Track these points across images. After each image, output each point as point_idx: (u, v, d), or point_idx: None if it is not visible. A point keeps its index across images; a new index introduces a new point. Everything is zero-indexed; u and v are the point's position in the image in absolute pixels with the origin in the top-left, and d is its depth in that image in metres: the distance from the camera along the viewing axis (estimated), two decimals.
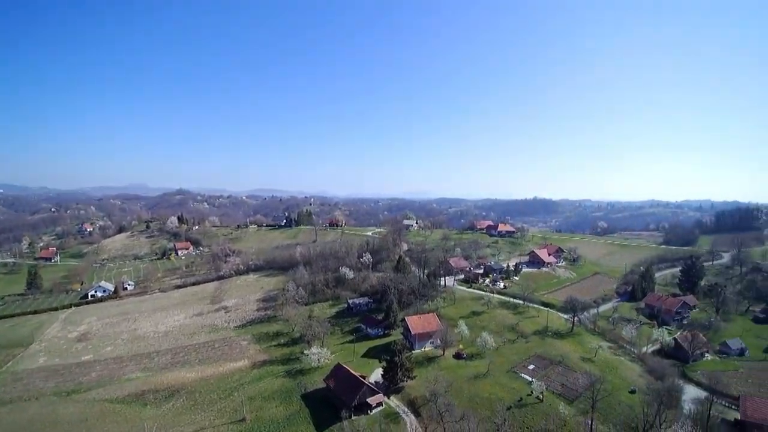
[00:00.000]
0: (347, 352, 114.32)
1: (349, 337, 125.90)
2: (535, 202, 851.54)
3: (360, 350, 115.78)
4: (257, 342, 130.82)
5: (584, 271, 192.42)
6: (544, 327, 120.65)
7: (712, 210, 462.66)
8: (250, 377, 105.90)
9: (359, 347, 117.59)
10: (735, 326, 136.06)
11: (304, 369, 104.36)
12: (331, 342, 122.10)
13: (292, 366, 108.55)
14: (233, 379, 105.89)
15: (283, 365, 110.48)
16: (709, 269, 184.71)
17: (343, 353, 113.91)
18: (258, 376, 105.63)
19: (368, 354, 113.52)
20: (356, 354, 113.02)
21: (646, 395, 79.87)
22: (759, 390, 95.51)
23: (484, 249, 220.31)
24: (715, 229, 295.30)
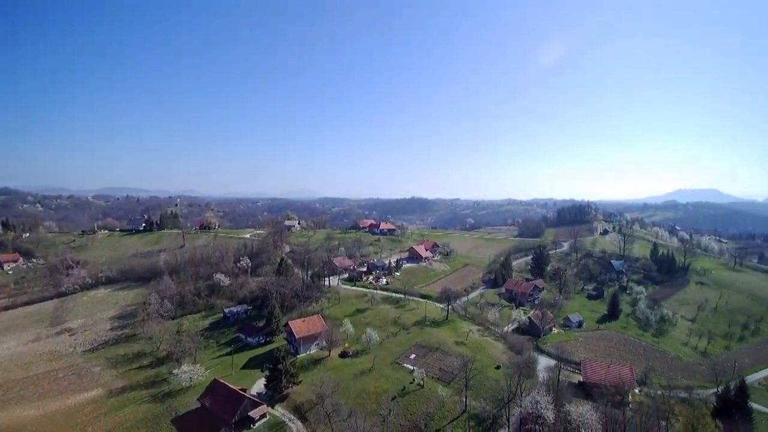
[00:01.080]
0: (225, 366, 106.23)
1: (227, 349, 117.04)
2: (413, 201, 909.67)
3: (240, 362, 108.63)
4: (113, 366, 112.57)
5: (456, 264, 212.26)
6: (423, 317, 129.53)
7: (555, 207, 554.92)
8: (106, 408, 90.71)
9: (239, 359, 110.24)
10: (574, 303, 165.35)
11: (174, 390, 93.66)
12: (205, 357, 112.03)
13: (158, 389, 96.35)
14: (85, 413, 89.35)
15: (148, 389, 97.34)
16: (553, 256, 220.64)
17: (220, 367, 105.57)
18: (117, 406, 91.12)
19: (249, 365, 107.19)
20: (235, 366, 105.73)
21: (508, 369, 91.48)
22: (595, 355, 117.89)
23: (367, 247, 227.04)
24: (557, 222, 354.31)
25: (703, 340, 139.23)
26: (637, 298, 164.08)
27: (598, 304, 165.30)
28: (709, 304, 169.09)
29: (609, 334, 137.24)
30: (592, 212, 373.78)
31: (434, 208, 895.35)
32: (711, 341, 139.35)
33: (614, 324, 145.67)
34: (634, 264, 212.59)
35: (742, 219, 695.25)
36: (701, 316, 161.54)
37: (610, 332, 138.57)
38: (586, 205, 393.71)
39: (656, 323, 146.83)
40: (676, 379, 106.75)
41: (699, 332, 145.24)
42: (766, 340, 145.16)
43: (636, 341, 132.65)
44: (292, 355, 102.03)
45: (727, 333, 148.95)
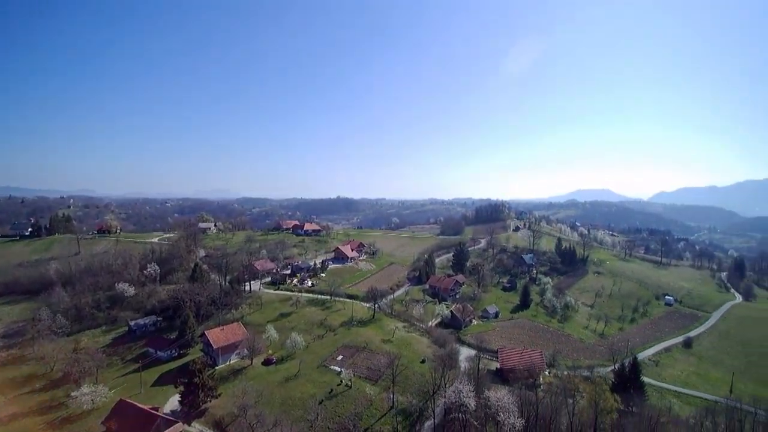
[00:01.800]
0: (133, 384, 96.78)
1: (134, 366, 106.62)
2: (338, 201, 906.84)
3: (150, 378, 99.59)
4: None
5: (382, 263, 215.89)
6: (350, 318, 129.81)
7: (473, 206, 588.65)
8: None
9: (149, 375, 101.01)
10: (491, 295, 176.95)
11: (74, 415, 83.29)
12: (109, 376, 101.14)
13: (55, 414, 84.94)
14: None
15: (43, 415, 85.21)
16: (472, 253, 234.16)
17: (127, 386, 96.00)
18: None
19: (161, 381, 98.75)
20: (145, 384, 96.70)
21: (433, 362, 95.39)
22: (510, 342, 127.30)
23: (291, 249, 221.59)
24: (475, 221, 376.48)
25: (601, 324, 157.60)
26: (544, 288, 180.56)
27: (511, 295, 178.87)
28: (605, 291, 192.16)
29: (522, 322, 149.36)
30: (505, 211, 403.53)
31: (360, 208, 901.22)
32: (607, 324, 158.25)
33: (526, 313, 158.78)
34: (542, 257, 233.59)
35: (631, 215, 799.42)
36: (599, 302, 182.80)
37: (522, 320, 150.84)
38: (501, 205, 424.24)
39: (561, 310, 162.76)
40: (580, 360, 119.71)
41: (597, 316, 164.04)
42: (652, 321, 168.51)
43: (545, 327, 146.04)
44: (209, 367, 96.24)
45: (620, 316, 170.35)
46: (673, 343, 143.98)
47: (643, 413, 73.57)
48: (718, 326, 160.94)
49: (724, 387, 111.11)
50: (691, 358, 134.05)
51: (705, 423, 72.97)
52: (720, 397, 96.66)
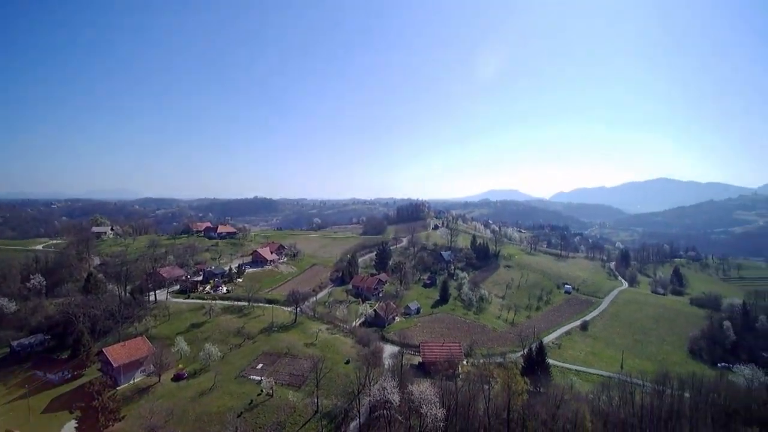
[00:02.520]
0: (19, 413, 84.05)
1: (20, 392, 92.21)
2: (256, 201, 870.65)
3: (40, 405, 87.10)
4: None
5: (304, 265, 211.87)
6: (270, 324, 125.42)
7: (395, 205, 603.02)
8: None
9: (38, 401, 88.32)
10: (413, 292, 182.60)
11: None
12: None
13: None
14: None
15: None
16: (394, 251, 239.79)
17: (12, 416, 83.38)
18: None
19: (53, 407, 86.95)
20: (34, 411, 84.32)
21: (357, 362, 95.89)
22: (431, 336, 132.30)
23: (203, 253, 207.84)
24: (397, 220, 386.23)
25: (511, 313, 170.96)
26: (461, 283, 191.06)
27: (432, 291, 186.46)
28: (514, 283, 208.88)
29: (441, 316, 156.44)
30: (425, 210, 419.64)
31: (280, 208, 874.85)
32: (517, 313, 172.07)
33: (445, 307, 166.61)
34: (459, 254, 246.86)
35: (536, 213, 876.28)
36: (509, 293, 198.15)
37: (442, 315, 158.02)
38: (421, 204, 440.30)
39: (477, 303, 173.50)
40: (494, 348, 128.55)
41: (508, 306, 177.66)
42: (554, 308, 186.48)
43: (462, 320, 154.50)
44: (110, 388, 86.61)
45: (527, 305, 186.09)
46: (572, 326, 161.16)
47: (549, 392, 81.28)
48: (609, 310, 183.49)
49: (616, 363, 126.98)
50: (587, 339, 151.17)
51: (602, 397, 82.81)
52: (613, 373, 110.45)
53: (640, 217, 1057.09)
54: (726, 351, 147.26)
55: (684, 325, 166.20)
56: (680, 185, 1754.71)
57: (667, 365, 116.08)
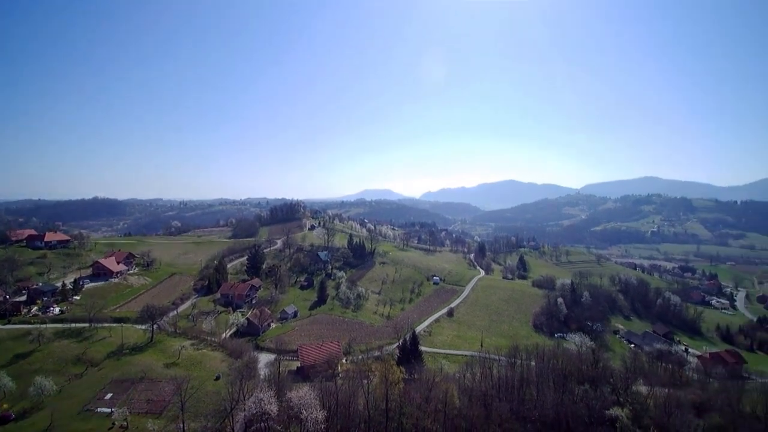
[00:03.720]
0: None
1: None
2: (96, 203, 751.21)
3: None
4: None
5: (160, 275, 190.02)
6: (120, 346, 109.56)
7: (268, 206, 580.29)
8: None
9: None
10: (289, 296, 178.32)
11: None
12: None
13: None
14: None
15: None
16: (268, 254, 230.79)
17: None
18: None
19: None
20: None
21: (229, 377, 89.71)
22: (310, 339, 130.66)
23: (27, 268, 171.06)
24: (271, 221, 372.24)
25: (387, 307, 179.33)
26: (339, 282, 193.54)
27: (309, 292, 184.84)
28: (389, 278, 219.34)
29: (320, 317, 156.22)
30: (301, 210, 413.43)
31: (128, 211, 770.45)
32: (392, 306, 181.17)
33: (323, 308, 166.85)
34: (336, 253, 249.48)
35: (407, 212, 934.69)
36: (384, 288, 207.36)
37: (320, 316, 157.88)
38: (296, 204, 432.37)
39: (354, 300, 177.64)
40: (372, 342, 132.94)
41: (384, 301, 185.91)
42: (425, 299, 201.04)
43: (341, 319, 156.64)
44: None
45: (402, 298, 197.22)
46: (440, 314, 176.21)
47: (423, 377, 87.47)
48: (470, 296, 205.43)
49: (477, 343, 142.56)
50: (453, 324, 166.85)
51: (466, 374, 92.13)
52: (475, 352, 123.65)
53: (493, 213, 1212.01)
54: (560, 323, 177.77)
55: (528, 304, 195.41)
56: (523, 186, 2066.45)
57: (517, 340, 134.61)
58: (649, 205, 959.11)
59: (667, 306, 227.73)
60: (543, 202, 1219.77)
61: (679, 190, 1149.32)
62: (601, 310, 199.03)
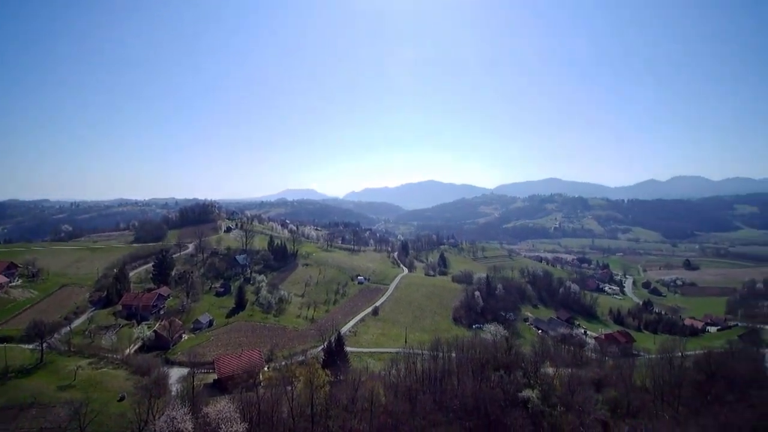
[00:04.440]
0: None
1: None
2: None
3: None
4: None
5: (49, 286, 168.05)
6: (4, 369, 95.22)
7: (177, 207, 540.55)
8: None
9: None
10: (203, 304, 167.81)
11: None
12: None
13: None
14: None
15: None
16: (178, 259, 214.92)
17: None
18: None
19: None
20: None
21: (136, 396, 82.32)
22: (227, 348, 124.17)
23: None
24: (181, 223, 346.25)
25: (311, 309, 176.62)
26: (259, 286, 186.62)
27: (226, 299, 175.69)
28: (313, 280, 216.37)
29: (238, 325, 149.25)
30: (215, 211, 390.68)
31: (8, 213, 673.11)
32: (316, 309, 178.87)
33: (242, 314, 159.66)
34: (256, 256, 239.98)
35: (331, 212, 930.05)
36: (308, 291, 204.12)
37: (239, 323, 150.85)
38: (210, 204, 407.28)
39: (276, 305, 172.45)
40: (296, 347, 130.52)
41: (307, 304, 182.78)
42: (350, 299, 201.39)
43: (262, 325, 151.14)
44: None
45: (326, 299, 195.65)
46: (365, 313, 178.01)
47: (349, 378, 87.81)
48: (394, 294, 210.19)
49: (402, 340, 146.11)
50: (378, 323, 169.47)
51: (392, 371, 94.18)
52: (400, 348, 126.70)
53: (415, 212, 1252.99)
54: (478, 314, 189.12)
55: (449, 299, 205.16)
56: (443, 186, 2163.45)
57: (438, 333, 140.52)
58: (552, 204, 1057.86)
59: (568, 294, 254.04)
60: (461, 202, 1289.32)
61: (577, 190, 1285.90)
62: (513, 301, 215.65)
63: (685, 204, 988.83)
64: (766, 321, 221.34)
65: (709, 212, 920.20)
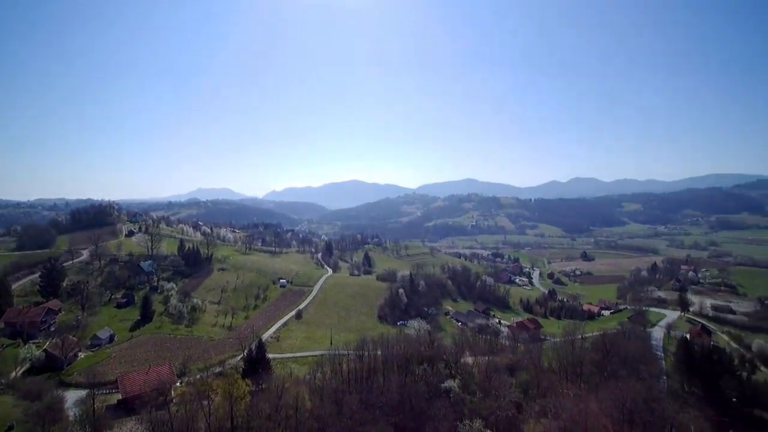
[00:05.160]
0: None
1: None
2: None
3: None
4: None
5: None
6: None
7: (68, 208, 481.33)
8: None
9: None
10: (102, 317, 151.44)
11: None
12: None
13: None
14: None
15: None
16: (70, 268, 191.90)
17: None
18: None
19: None
20: None
21: (26, 424, 72.40)
22: (132, 366, 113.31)
23: None
24: (72, 227, 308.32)
25: (228, 317, 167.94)
26: (168, 295, 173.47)
27: (129, 311, 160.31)
28: (230, 286, 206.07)
29: (145, 338, 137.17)
30: (114, 213, 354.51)
31: None
32: (234, 316, 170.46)
33: (149, 327, 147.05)
34: (164, 262, 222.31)
35: (249, 212, 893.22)
36: (225, 297, 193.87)
37: (145, 337, 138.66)
38: (108, 206, 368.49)
39: (189, 314, 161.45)
40: (212, 358, 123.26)
41: (224, 311, 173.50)
42: (272, 303, 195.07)
43: (172, 337, 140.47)
44: None
45: (245, 305, 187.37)
46: (288, 317, 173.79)
47: (272, 386, 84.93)
48: (318, 296, 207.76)
49: (327, 341, 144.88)
50: (302, 326, 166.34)
51: (317, 374, 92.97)
52: (325, 350, 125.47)
53: (339, 212, 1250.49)
54: (402, 311, 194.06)
55: (374, 297, 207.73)
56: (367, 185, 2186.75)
57: (364, 332, 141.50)
58: (469, 203, 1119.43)
59: (484, 287, 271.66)
60: (385, 201, 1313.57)
61: (492, 190, 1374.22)
62: (434, 296, 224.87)
63: (582, 202, 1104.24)
64: (651, 304, 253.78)
65: (601, 209, 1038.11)
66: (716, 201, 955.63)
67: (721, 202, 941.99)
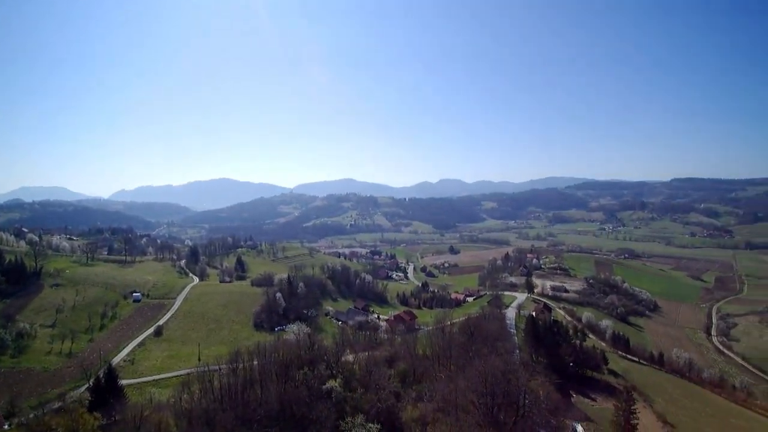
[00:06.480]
0: None
1: None
2: None
3: None
4: None
5: None
6: None
7: None
8: None
9: None
10: None
11: None
12: None
13: None
14: None
15: None
16: None
17: None
18: None
19: None
20: None
21: None
22: None
23: None
24: None
25: (67, 342, 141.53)
26: None
27: None
28: (67, 304, 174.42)
29: None
30: None
31: None
32: (75, 340, 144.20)
33: None
34: None
35: (91, 215, 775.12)
36: (61, 318, 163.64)
37: None
38: None
39: (13, 342, 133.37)
40: (49, 393, 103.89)
41: (62, 335, 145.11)
42: (123, 321, 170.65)
43: None
44: None
45: (89, 327, 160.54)
46: (145, 336, 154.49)
47: (127, 416, 74.61)
48: (182, 308, 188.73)
49: (194, 358, 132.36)
50: (163, 344, 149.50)
51: (183, 396, 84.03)
52: (192, 368, 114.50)
53: (207, 214, 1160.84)
54: (280, 316, 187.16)
55: (249, 305, 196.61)
56: (239, 185, 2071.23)
57: (238, 343, 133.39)
58: (347, 203, 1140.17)
59: (363, 284, 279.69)
60: (259, 201, 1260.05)
61: (369, 190, 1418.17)
62: (314, 297, 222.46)
63: (449, 201, 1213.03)
64: (505, 288, 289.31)
65: (465, 208, 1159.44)
66: (553, 199, 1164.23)
67: (556, 201, 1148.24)
